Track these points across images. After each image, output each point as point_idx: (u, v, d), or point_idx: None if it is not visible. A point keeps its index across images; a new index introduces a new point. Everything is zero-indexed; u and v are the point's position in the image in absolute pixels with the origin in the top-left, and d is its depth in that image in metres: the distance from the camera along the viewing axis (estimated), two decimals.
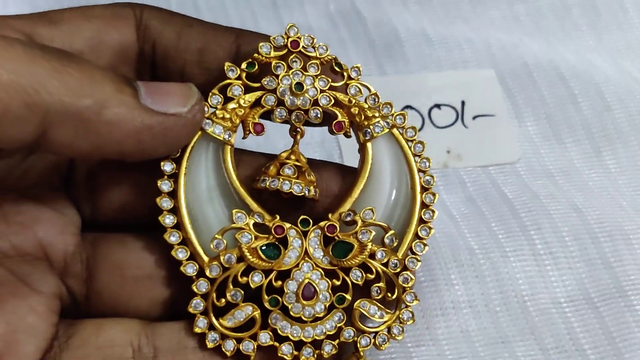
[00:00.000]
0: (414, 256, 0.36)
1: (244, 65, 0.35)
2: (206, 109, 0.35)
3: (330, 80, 0.36)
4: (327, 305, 0.35)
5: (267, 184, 0.35)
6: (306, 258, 0.35)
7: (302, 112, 0.36)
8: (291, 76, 0.35)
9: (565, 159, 0.45)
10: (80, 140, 0.31)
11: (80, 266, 0.35)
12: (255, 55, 0.35)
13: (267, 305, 0.35)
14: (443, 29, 0.49)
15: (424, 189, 0.36)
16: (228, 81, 0.35)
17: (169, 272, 0.35)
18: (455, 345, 0.38)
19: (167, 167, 0.35)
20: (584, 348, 0.38)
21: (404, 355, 0.38)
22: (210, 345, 0.34)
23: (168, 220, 0.35)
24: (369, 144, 0.36)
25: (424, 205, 0.36)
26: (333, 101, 0.36)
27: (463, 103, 0.46)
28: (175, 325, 0.35)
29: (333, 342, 0.35)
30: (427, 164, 0.37)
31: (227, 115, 0.35)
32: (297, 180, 0.35)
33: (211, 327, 0.35)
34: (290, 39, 0.35)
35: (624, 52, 0.49)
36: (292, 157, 0.36)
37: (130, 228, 0.37)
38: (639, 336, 0.38)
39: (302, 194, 0.35)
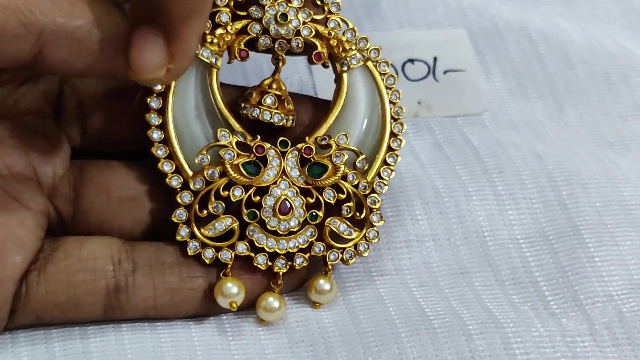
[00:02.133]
0: (381, 180, 0.38)
1: None
2: None
3: (312, 13, 0.38)
4: (300, 221, 0.37)
5: (249, 112, 0.37)
6: (283, 176, 0.37)
7: (285, 42, 0.38)
8: (276, 7, 0.37)
9: (530, 112, 0.47)
10: (74, 58, 0.32)
11: (68, 188, 0.37)
12: None
13: (245, 218, 0.37)
14: None
15: (394, 119, 0.39)
16: (216, 8, 0.37)
17: (152, 195, 0.37)
18: (418, 275, 0.39)
19: (157, 86, 0.37)
20: (537, 280, 0.39)
21: (368, 283, 0.39)
22: (191, 252, 0.36)
23: (156, 135, 0.37)
24: (345, 75, 0.38)
25: (392, 134, 0.38)
26: (314, 32, 0.38)
27: (435, 59, 0.48)
28: (153, 244, 0.37)
29: (304, 255, 0.37)
30: (398, 95, 0.39)
31: (215, 40, 0.37)
32: (276, 111, 0.37)
33: (192, 235, 0.37)
34: None
35: (589, 18, 0.51)
36: (274, 85, 0.38)
37: (118, 156, 0.38)
38: (589, 270, 0.39)
39: (281, 123, 0.38)
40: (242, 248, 0.37)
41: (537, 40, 0.48)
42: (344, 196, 0.37)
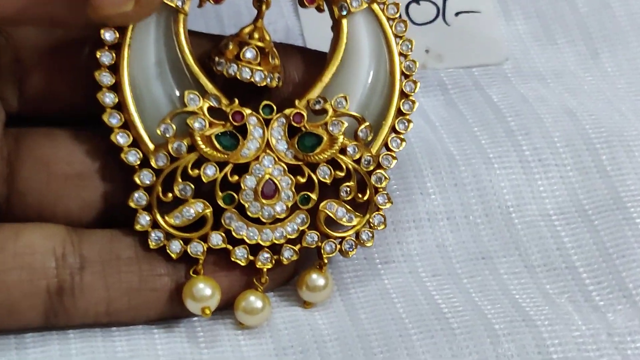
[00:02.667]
0: (389, 153, 0.36)
1: None
2: None
3: None
4: (289, 206, 0.35)
5: (225, 69, 0.35)
6: (268, 150, 0.34)
7: None
8: None
9: (558, 60, 0.45)
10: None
11: (0, 162, 0.34)
12: None
13: (220, 202, 0.34)
14: None
15: (405, 76, 0.36)
16: None
17: (103, 171, 0.35)
18: (430, 262, 0.37)
19: (109, 36, 0.34)
20: (576, 265, 0.37)
21: (371, 273, 0.37)
22: (153, 245, 0.34)
23: (108, 99, 0.34)
24: (344, 20, 0.35)
25: (403, 95, 0.36)
26: None
27: None
28: (107, 233, 0.34)
29: (294, 247, 0.35)
30: (410, 46, 0.36)
31: None
32: (258, 67, 0.35)
33: (155, 224, 0.34)
34: None
35: None
36: (256, 34, 0.35)
37: (63, 124, 0.36)
38: (639, 252, 0.37)
39: (264, 83, 0.35)
40: (216, 239, 0.34)
41: None
42: (342, 174, 0.35)
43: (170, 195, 0.34)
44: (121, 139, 0.34)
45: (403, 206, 0.38)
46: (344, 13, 0.35)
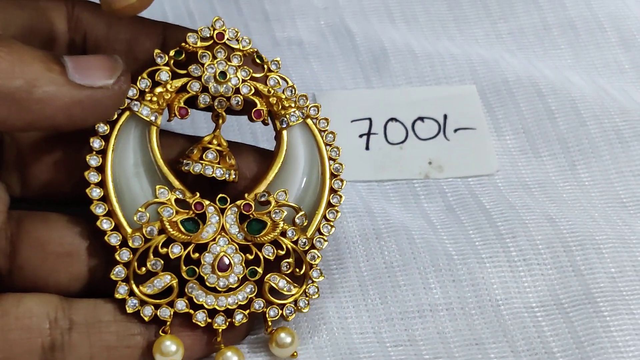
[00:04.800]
0: (321, 236, 0.39)
1: (172, 53, 0.38)
2: (134, 91, 0.37)
3: (251, 71, 0.38)
4: (240, 277, 0.37)
5: (191, 168, 0.38)
6: (222, 233, 0.38)
7: (225, 99, 0.38)
8: (216, 65, 0.38)
9: (541, 171, 0.46)
10: (14, 117, 0.33)
11: (4, 242, 0.37)
12: (183, 44, 0.38)
13: (184, 275, 0.37)
14: (428, 45, 0.51)
15: (333, 175, 0.39)
16: (157, 67, 0.38)
17: (89, 250, 0.37)
18: (432, 346, 0.39)
19: (96, 144, 0.37)
20: (554, 351, 0.39)
21: (382, 355, 0.39)
22: (129, 310, 0.37)
23: (95, 193, 0.37)
24: (284, 132, 0.39)
25: (332, 190, 0.39)
26: (253, 90, 0.38)
27: (445, 116, 0.48)
28: (91, 301, 0.37)
29: (244, 312, 0.38)
30: (337, 152, 0.39)
31: (155, 99, 0.37)
32: (218, 165, 0.38)
33: (131, 293, 0.37)
34: (216, 31, 0.38)
35: (600, 70, 0.51)
36: (215, 141, 0.38)
37: (57, 206, 0.38)
38: (606, 341, 0.39)
39: (223, 178, 0.38)
40: (181, 305, 0.37)
41: (547, 96, 0.48)
42: (283, 252, 0.38)
43: (144, 269, 0.37)
44: (105, 224, 0.37)
45: (409, 298, 0.40)
46: (284, 126, 0.39)
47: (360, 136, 0.47)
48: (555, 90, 0.48)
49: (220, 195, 0.38)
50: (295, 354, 0.38)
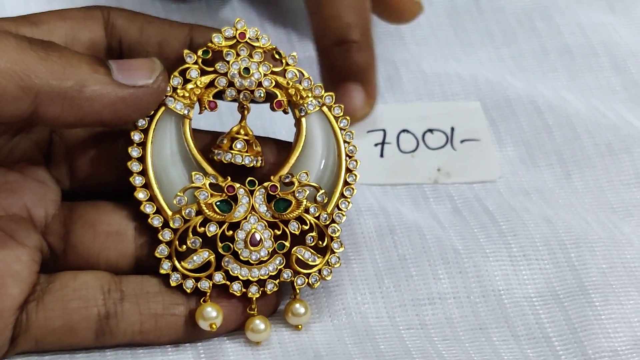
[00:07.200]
0: (340, 211, 0.41)
1: (199, 52, 0.40)
2: (168, 87, 0.39)
3: (271, 65, 0.41)
4: (270, 251, 0.40)
5: (223, 157, 0.40)
6: (252, 212, 0.40)
7: (249, 92, 0.40)
8: (239, 62, 0.40)
9: (540, 179, 0.48)
10: (66, 114, 0.36)
11: (58, 225, 0.39)
12: (209, 44, 0.40)
13: (220, 250, 0.39)
14: (437, 66, 0.54)
15: (348, 156, 0.41)
16: (186, 65, 0.40)
17: (135, 230, 0.40)
18: (441, 330, 0.41)
19: (136, 137, 0.40)
20: (550, 336, 0.40)
21: (396, 336, 0.40)
22: (173, 283, 0.39)
23: (137, 180, 0.40)
24: (303, 119, 0.41)
25: (348, 170, 0.41)
26: (274, 83, 0.41)
27: (452, 129, 0.50)
28: (139, 277, 0.40)
29: (274, 281, 0.40)
30: (351, 135, 0.41)
31: (186, 94, 0.40)
32: (246, 154, 0.40)
33: (174, 268, 0.39)
34: (238, 31, 0.41)
35: (594, 91, 0.53)
36: (242, 131, 0.41)
37: (103, 198, 0.41)
38: (597, 328, 0.40)
39: (252, 165, 0.40)
40: (218, 277, 0.39)
41: (545, 112, 0.50)
42: (307, 227, 0.40)
43: (184, 246, 0.39)
44: (148, 209, 0.39)
45: (420, 288, 0.42)
46: (303, 114, 0.41)
47: (376, 145, 0.49)
48: (553, 108, 0.50)
49: (249, 178, 0.40)
50: (300, 326, 0.40)
